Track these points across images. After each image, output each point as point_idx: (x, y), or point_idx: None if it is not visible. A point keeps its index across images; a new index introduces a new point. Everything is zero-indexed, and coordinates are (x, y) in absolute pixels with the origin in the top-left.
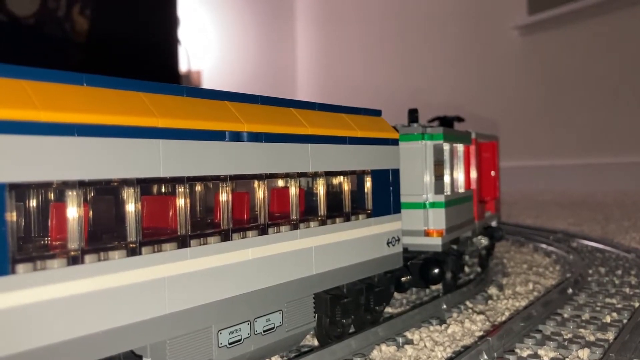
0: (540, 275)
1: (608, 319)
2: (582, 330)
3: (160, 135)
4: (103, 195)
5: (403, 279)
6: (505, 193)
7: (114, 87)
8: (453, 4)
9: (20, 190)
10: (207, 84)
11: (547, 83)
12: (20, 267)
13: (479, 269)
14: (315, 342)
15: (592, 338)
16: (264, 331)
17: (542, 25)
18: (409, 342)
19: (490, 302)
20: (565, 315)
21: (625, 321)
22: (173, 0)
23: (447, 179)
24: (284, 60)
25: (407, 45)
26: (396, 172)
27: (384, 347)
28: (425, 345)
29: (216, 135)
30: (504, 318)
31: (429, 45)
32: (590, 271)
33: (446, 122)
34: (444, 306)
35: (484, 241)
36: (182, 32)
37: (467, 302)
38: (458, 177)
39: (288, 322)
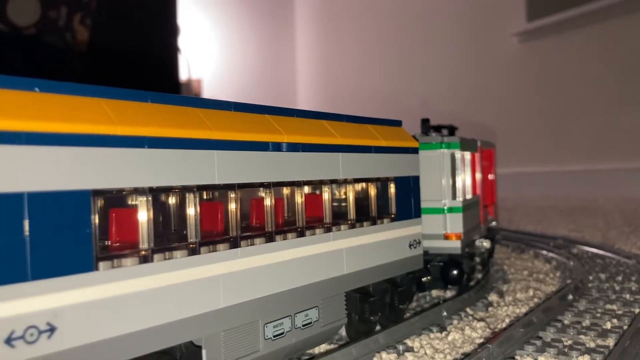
0: (541, 282)
1: (608, 325)
2: (582, 336)
3: (215, 147)
4: (168, 200)
5: (424, 279)
6: (506, 199)
7: (174, 104)
8: (452, 10)
9: (101, 196)
10: (207, 92)
11: (546, 89)
12: (101, 265)
13: (479, 276)
14: (315, 351)
15: (592, 344)
16: (303, 325)
17: (541, 32)
18: (410, 349)
19: (490, 308)
20: (566, 322)
21: (625, 327)
22: (173, 8)
23: (461, 185)
24: (284, 67)
25: (406, 51)
26: (416, 179)
27: (384, 354)
28: (425, 353)
29: (261, 146)
30: (504, 325)
31: (427, 51)
32: (590, 277)
33: (443, 131)
34: (445, 313)
35: (485, 244)
36: (182, 41)
37: (468, 309)
38: (469, 183)
39: (324, 317)
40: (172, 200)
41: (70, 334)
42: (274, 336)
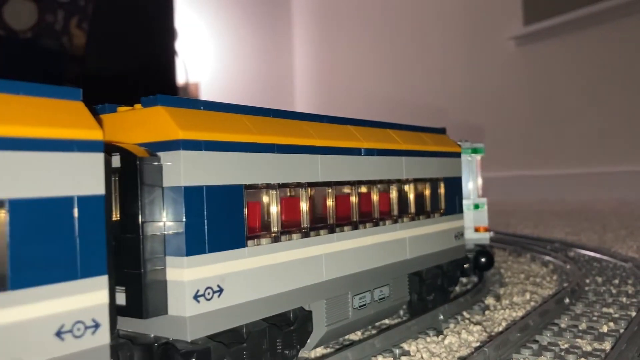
0: (538, 285)
1: (605, 329)
2: (579, 340)
3: (319, 152)
4: (288, 193)
5: (465, 265)
6: (503, 203)
7: (287, 118)
8: (450, 14)
9: (248, 190)
10: (204, 96)
11: (543, 92)
12: (249, 242)
13: (475, 279)
14: (311, 354)
15: (588, 348)
16: (379, 299)
17: (538, 36)
18: (406, 353)
19: (487, 312)
20: (562, 325)
21: (622, 331)
22: (170, 12)
23: (481, 184)
24: (281, 70)
25: (403, 54)
26: (459, 180)
27: (380, 358)
28: (421, 357)
29: (348, 151)
30: (500, 328)
31: (425, 54)
32: (587, 280)
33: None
34: (441, 317)
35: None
36: (179, 45)
37: (464, 313)
38: (482, 183)
39: (393, 294)
40: (290, 194)
41: (230, 295)
42: (359, 306)
